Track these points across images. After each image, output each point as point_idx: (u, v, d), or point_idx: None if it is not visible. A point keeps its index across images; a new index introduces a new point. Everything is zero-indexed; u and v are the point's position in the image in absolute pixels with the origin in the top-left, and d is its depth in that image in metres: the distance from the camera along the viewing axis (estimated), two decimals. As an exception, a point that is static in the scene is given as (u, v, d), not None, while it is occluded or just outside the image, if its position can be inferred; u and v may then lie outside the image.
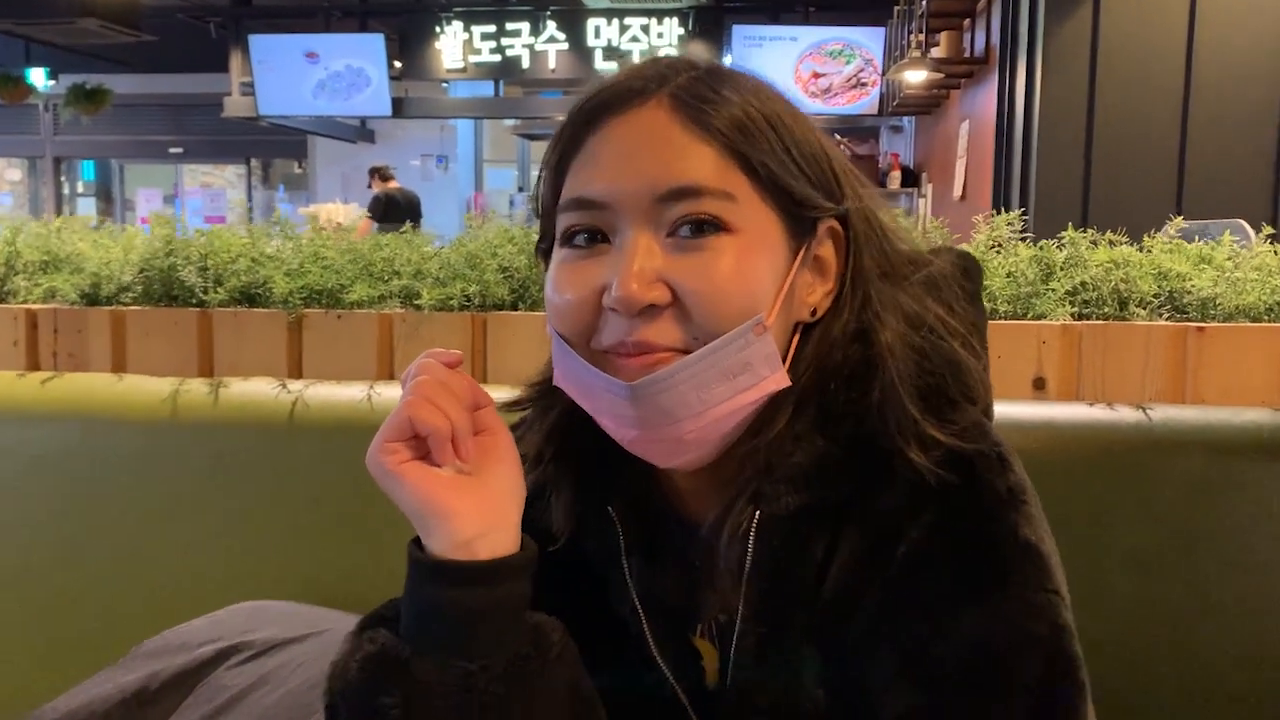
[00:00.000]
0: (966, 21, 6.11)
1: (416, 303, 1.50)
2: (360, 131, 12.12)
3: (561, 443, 0.80)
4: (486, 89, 9.94)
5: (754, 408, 0.73)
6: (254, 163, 13.73)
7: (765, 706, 0.76)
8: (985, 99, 5.59)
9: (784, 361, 0.74)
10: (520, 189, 12.94)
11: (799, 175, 0.74)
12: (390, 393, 1.41)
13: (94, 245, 1.65)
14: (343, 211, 8.03)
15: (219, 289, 1.53)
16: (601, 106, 0.74)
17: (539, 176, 0.80)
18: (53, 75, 10.19)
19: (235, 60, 9.18)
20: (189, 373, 1.52)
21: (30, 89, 10.12)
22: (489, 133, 12.91)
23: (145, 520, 1.42)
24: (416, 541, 0.71)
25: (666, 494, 0.82)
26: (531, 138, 12.50)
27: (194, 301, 1.56)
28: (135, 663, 1.14)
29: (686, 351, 0.71)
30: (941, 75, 5.96)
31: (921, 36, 5.83)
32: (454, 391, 0.71)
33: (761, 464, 0.74)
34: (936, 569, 0.70)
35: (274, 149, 13.35)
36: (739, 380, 0.71)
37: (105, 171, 14.21)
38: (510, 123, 12.16)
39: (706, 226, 0.70)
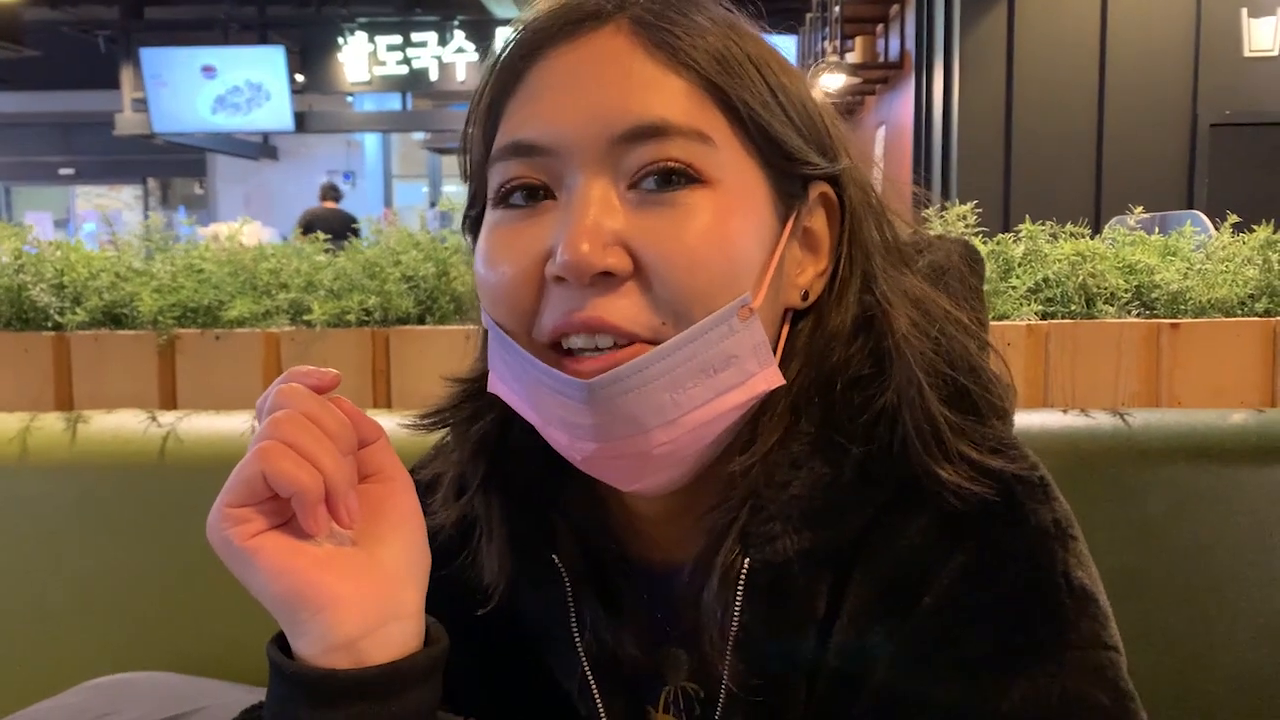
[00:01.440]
0: (880, 27, 6.11)
1: (307, 319, 1.32)
2: (263, 148, 11.76)
3: (491, 465, 0.64)
4: (394, 102, 9.71)
5: (740, 414, 0.58)
6: (151, 183, 13.24)
7: None
8: (901, 104, 5.58)
9: (774, 356, 0.58)
10: (432, 204, 12.70)
11: (787, 122, 0.59)
12: (279, 422, 1.22)
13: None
14: (246, 232, 7.73)
15: (77, 309, 1.33)
16: (544, 33, 0.58)
17: (464, 130, 0.63)
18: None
19: (127, 75, 8.81)
20: (43, 406, 1.32)
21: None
22: (398, 147, 12.67)
23: (-11, 580, 1.21)
24: (279, 639, 0.54)
25: (625, 531, 0.65)
26: (442, 151, 12.28)
27: (49, 324, 1.35)
28: (-37, 763, 0.94)
29: (654, 341, 0.55)
30: (858, 80, 5.94)
31: (836, 42, 5.80)
32: (327, 428, 0.54)
33: (750, 495, 0.58)
34: (973, 624, 0.55)
35: (172, 168, 12.89)
36: (722, 377, 0.56)
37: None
38: (420, 136, 11.94)
39: (676, 176, 0.55)
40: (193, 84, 8.63)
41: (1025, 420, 1.20)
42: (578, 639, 0.64)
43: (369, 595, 0.53)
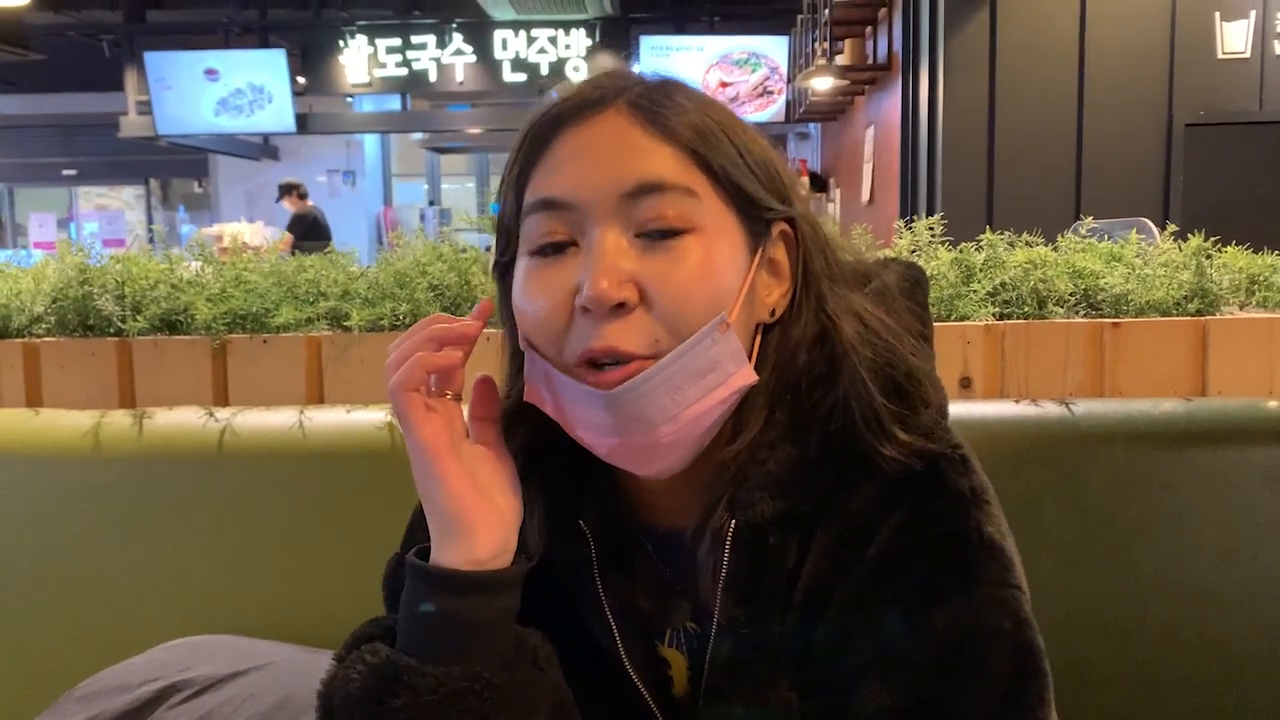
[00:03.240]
0: (869, 29, 6.25)
1: (345, 324, 1.48)
2: (264, 149, 11.87)
3: (529, 462, 0.80)
4: (393, 103, 9.83)
5: (726, 407, 0.74)
6: (153, 183, 13.34)
7: (739, 711, 0.76)
8: (890, 104, 5.72)
9: (749, 359, 0.75)
10: (431, 203, 12.81)
11: (753, 178, 0.76)
12: (322, 417, 1.38)
13: (1, 276, 1.59)
14: (249, 231, 7.85)
15: (138, 317, 1.49)
16: (562, 115, 0.75)
17: (499, 191, 0.80)
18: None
19: (131, 79, 8.92)
20: (109, 404, 1.47)
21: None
22: (397, 147, 12.78)
23: (71, 558, 1.37)
24: (407, 555, 0.74)
25: (636, 505, 0.83)
26: (440, 151, 12.39)
27: (112, 331, 1.51)
28: (71, 706, 1.10)
29: (654, 356, 0.71)
30: (847, 82, 6.08)
31: (826, 44, 5.94)
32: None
33: (736, 472, 0.75)
34: (906, 567, 0.72)
35: (174, 169, 13.00)
36: (709, 379, 0.72)
37: (-3, 196, 13.66)
38: (418, 136, 12.04)
39: (673, 229, 0.72)
40: (196, 87, 8.76)
41: (983, 409, 1.35)
42: (601, 590, 0.80)
43: (499, 530, 0.73)
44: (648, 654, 0.82)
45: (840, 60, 6.05)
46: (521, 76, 8.75)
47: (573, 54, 8.62)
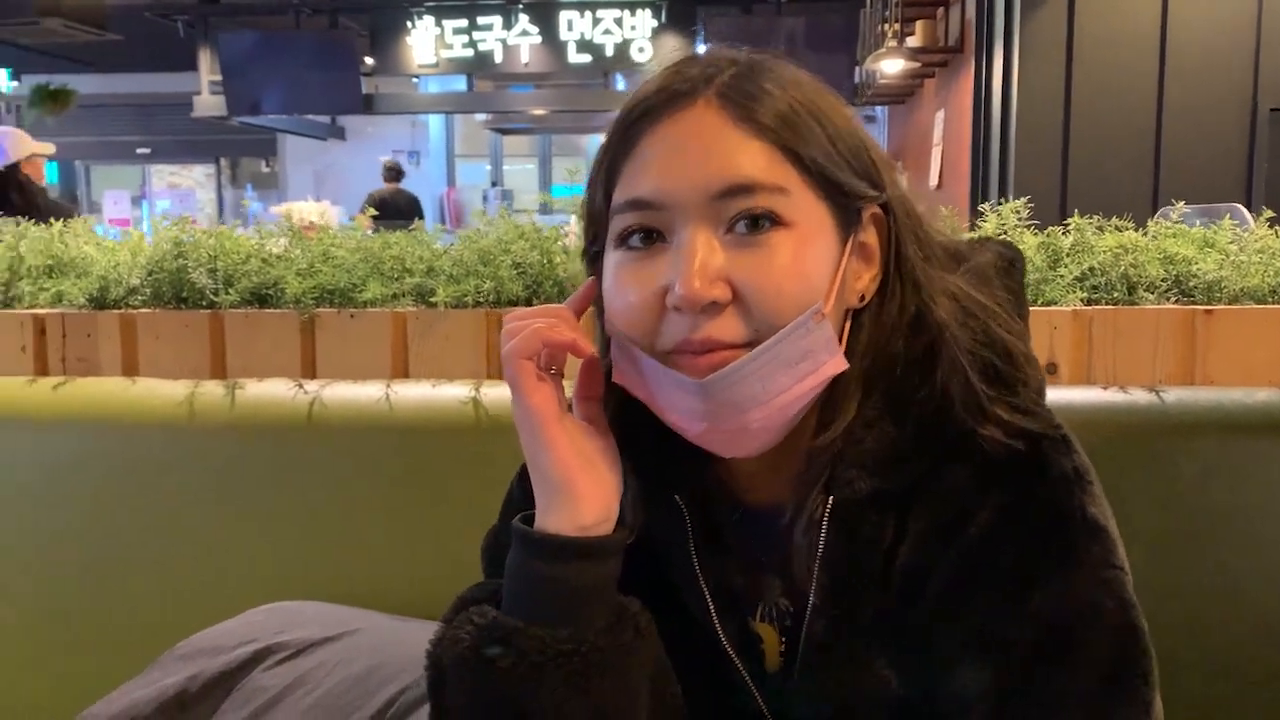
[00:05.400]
0: (940, 10, 6.15)
1: (430, 300, 1.50)
2: (330, 129, 12.03)
3: (621, 438, 0.81)
4: (458, 83, 9.89)
5: (815, 393, 0.74)
6: (222, 162, 13.60)
7: (832, 688, 0.77)
8: (961, 87, 5.64)
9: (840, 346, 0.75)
10: (494, 184, 12.89)
11: (844, 166, 0.75)
12: (407, 391, 1.41)
13: (100, 249, 1.64)
14: (316, 210, 7.96)
15: (230, 290, 1.52)
16: (649, 110, 0.75)
17: (588, 186, 0.81)
18: (15, 76, 10.04)
19: (204, 59, 9.08)
20: (201, 375, 1.51)
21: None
22: (460, 128, 12.86)
23: (165, 524, 1.41)
24: (512, 521, 0.76)
25: (727, 482, 0.83)
26: (504, 131, 12.45)
27: (204, 303, 1.55)
28: (172, 664, 1.13)
29: (749, 345, 0.72)
30: (918, 64, 5.99)
31: (896, 26, 5.86)
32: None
33: (835, 452, 0.75)
34: (1006, 548, 0.72)
35: (243, 148, 13.24)
36: (800, 367, 0.72)
37: (69, 174, 14.01)
38: (482, 117, 12.11)
39: (763, 222, 0.72)
40: (267, 66, 8.89)
41: (1069, 396, 1.34)
42: (696, 564, 0.81)
43: (603, 498, 0.75)
44: (741, 628, 0.83)
45: (911, 42, 5.97)
46: (586, 58, 8.75)
47: (638, 35, 8.60)
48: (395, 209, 7.88)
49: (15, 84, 10.08)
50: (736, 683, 0.82)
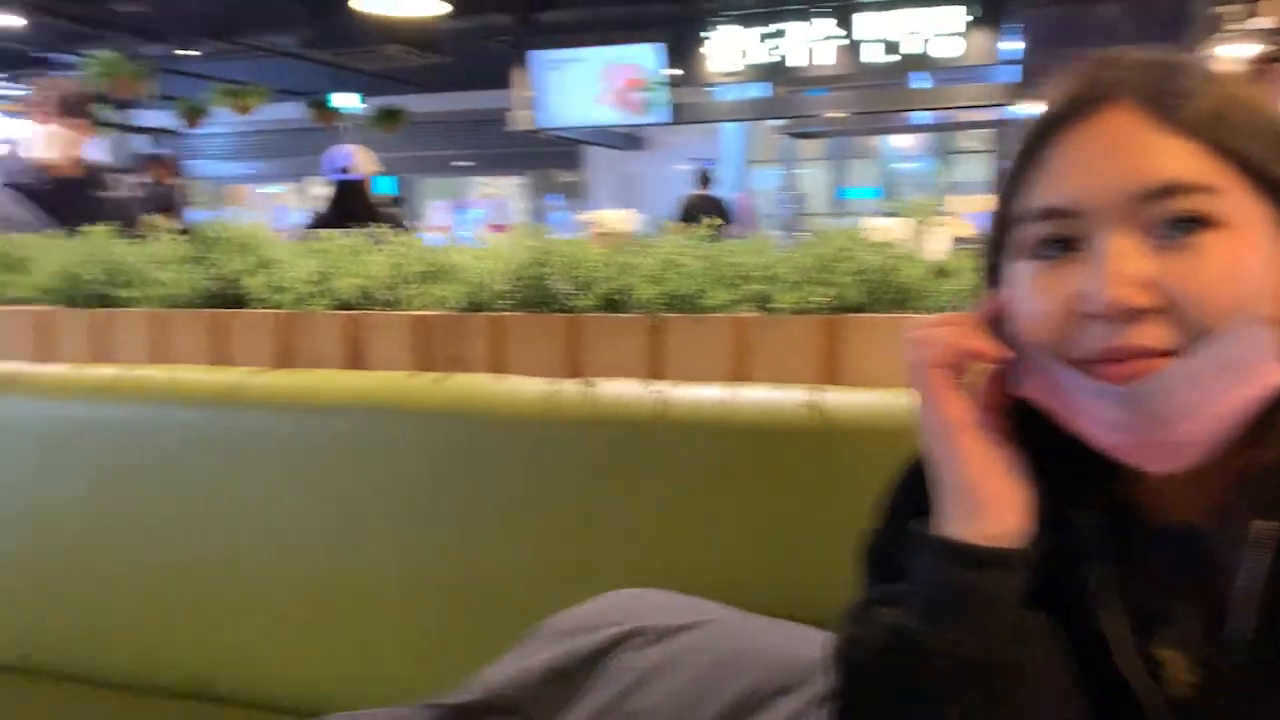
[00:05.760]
0: (1291, -12, 5.55)
1: (770, 306, 1.54)
2: (630, 139, 12.52)
3: (1023, 449, 0.80)
4: (755, 90, 10.00)
5: (1253, 405, 0.71)
6: (532, 174, 14.49)
7: None
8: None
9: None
10: (786, 189, 12.92)
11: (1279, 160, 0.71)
12: (749, 394, 1.46)
13: (472, 257, 1.80)
14: (620, 218, 8.32)
15: (586, 295, 1.63)
16: (1057, 119, 0.74)
17: (997, 200, 0.81)
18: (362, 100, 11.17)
19: (518, 76, 9.69)
20: (559, 373, 1.63)
21: (335, 113, 11.13)
22: (753, 133, 12.98)
23: (526, 511, 1.54)
24: (915, 527, 0.77)
25: (1136, 499, 0.81)
26: (798, 136, 12.45)
27: (558, 307, 1.67)
28: (546, 640, 1.23)
29: (1175, 353, 0.69)
30: (1274, 47, 5.43)
31: (1239, 7, 5.35)
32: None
33: (1272, 472, 0.71)
34: None
35: (551, 160, 14.03)
36: (1236, 376, 0.69)
37: (403, 186, 15.42)
38: (775, 123, 12.17)
39: (1192, 224, 0.69)
40: (576, 82, 9.39)
41: None
42: (1100, 583, 0.79)
43: (1016, 509, 0.76)
44: (1142, 651, 0.80)
45: (1256, 24, 5.43)
46: (885, 57, 8.59)
47: (941, 33, 8.32)
48: (706, 212, 8.11)
49: (363, 107, 11.22)
50: (1132, 710, 0.80)
